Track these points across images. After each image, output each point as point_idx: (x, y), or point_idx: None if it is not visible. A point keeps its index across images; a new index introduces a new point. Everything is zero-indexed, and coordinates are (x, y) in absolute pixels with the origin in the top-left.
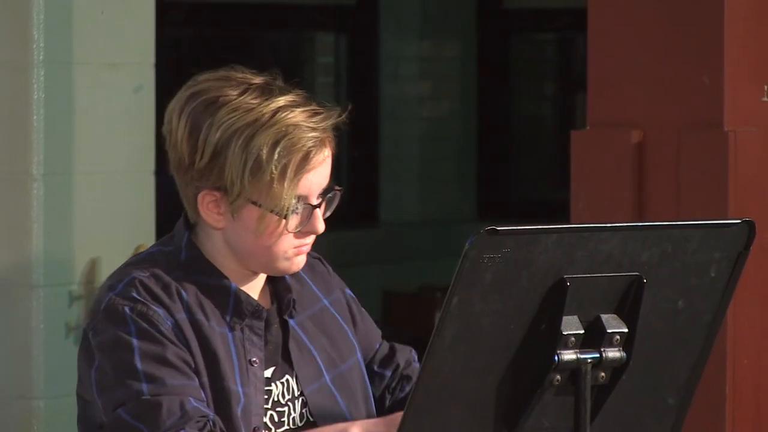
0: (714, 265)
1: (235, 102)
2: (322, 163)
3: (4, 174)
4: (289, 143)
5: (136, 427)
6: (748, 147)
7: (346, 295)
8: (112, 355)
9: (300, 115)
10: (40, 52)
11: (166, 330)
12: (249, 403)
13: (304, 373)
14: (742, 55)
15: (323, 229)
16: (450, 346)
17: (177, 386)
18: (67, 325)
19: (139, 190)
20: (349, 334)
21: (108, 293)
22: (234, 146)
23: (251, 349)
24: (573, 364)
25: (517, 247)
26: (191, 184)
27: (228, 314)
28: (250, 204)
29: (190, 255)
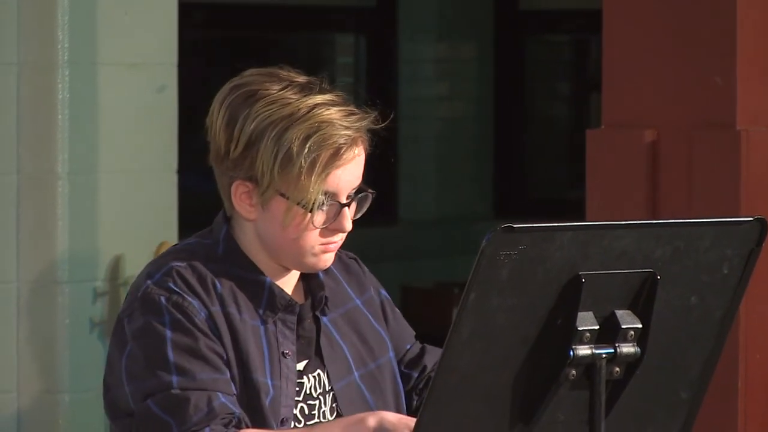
0: (726, 262)
1: (273, 96)
2: (352, 161)
3: (29, 173)
4: (320, 138)
5: (164, 420)
6: (760, 146)
7: (380, 295)
8: (145, 344)
9: (336, 113)
10: (65, 52)
11: (199, 321)
12: (278, 395)
13: (334, 368)
14: (754, 56)
15: (350, 228)
16: (467, 340)
17: (206, 380)
18: (92, 320)
19: (162, 189)
20: (381, 332)
21: (146, 281)
22: (267, 138)
23: (283, 342)
24: (588, 359)
25: (532, 244)
26: (226, 173)
27: (261, 308)
28: (278, 196)
29: (227, 248)
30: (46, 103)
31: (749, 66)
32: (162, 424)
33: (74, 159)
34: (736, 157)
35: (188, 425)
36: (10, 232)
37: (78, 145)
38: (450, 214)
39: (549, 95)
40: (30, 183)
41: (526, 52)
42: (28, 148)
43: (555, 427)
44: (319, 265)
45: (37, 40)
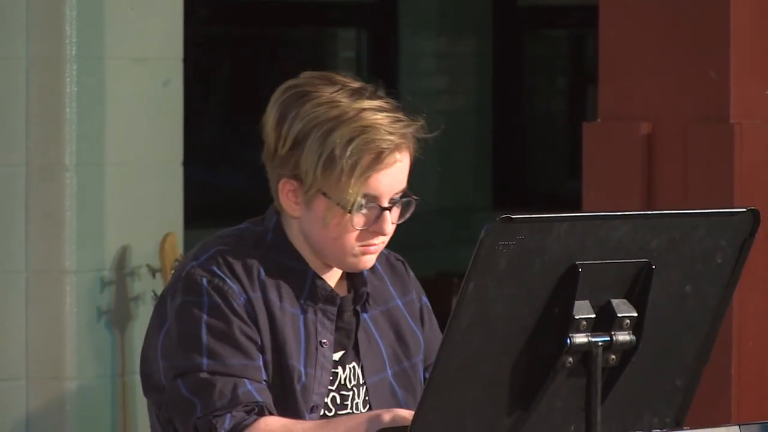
0: (720, 251)
1: (324, 98)
2: (393, 166)
3: (38, 165)
4: (362, 141)
5: (191, 401)
6: (753, 139)
7: (422, 301)
8: (181, 324)
9: (383, 118)
10: (72, 47)
11: (237, 306)
12: (310, 382)
13: (369, 363)
14: (748, 51)
15: (391, 232)
16: (466, 329)
17: (236, 366)
18: (99, 309)
19: (168, 180)
20: (417, 334)
21: (191, 262)
22: (313, 138)
23: (322, 331)
24: (584, 347)
25: (530, 235)
26: (274, 171)
27: (302, 297)
28: (320, 195)
29: (275, 237)
30: (54, 97)
31: (743, 60)
32: (188, 404)
33: (82, 151)
34: (729, 150)
35: (211, 409)
36: (19, 222)
37: (85, 138)
38: (450, 206)
39: (546, 89)
40: (38, 175)
41: (525, 47)
42: (36, 140)
43: (552, 414)
44: (360, 265)
45: (46, 35)
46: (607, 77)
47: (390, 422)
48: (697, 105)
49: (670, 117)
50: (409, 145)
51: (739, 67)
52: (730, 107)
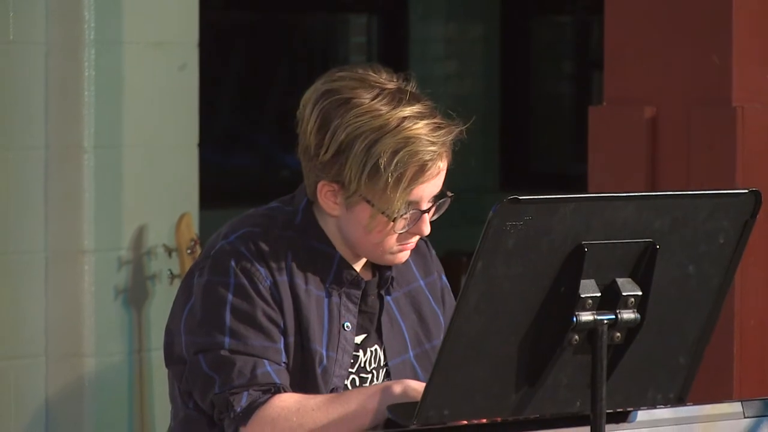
0: (722, 232)
1: (365, 106)
2: (437, 176)
3: (58, 146)
4: (407, 154)
5: (210, 377)
6: (755, 122)
7: (442, 280)
8: (206, 301)
9: (423, 127)
10: (91, 32)
11: (263, 288)
12: (331, 365)
13: (391, 345)
14: (750, 36)
15: (428, 232)
16: (475, 307)
17: (257, 347)
18: (116, 287)
19: (184, 162)
20: (439, 315)
21: (221, 241)
22: (357, 148)
23: (345, 315)
24: (590, 325)
25: (537, 215)
26: (313, 172)
27: (328, 280)
28: (364, 202)
29: (304, 219)
30: (73, 81)
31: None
32: (208, 379)
33: (100, 133)
34: (732, 133)
35: (229, 386)
36: (38, 203)
37: (103, 121)
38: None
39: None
40: (58, 157)
41: (531, 33)
42: (55, 123)
43: (558, 390)
44: (396, 261)
45: (64, 21)
46: (613, 62)
47: (401, 393)
48: (700, 89)
49: (674, 101)
50: (449, 152)
51: (741, 52)
52: (732, 91)
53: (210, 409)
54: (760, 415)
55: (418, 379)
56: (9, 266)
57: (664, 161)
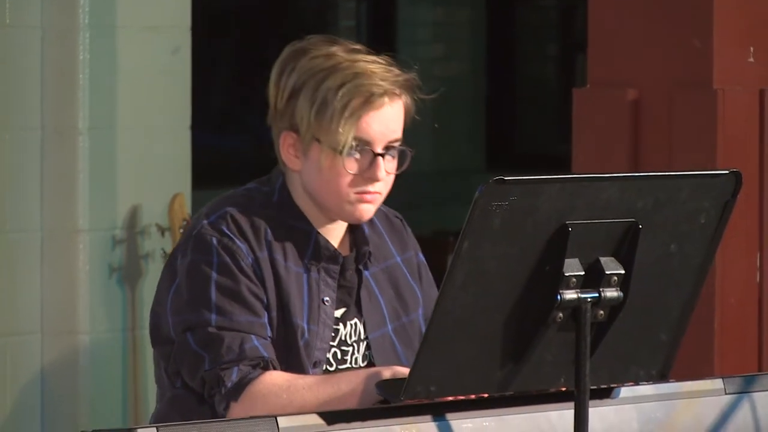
0: (704, 212)
1: (322, 52)
2: (383, 109)
3: (53, 128)
4: (353, 85)
5: (199, 354)
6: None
7: (418, 257)
8: (191, 281)
9: (376, 67)
10: (85, 16)
11: (245, 265)
12: (313, 338)
13: (371, 319)
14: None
15: (383, 178)
16: (461, 286)
17: (243, 323)
18: (110, 266)
19: (176, 143)
20: (416, 290)
21: (201, 221)
22: (307, 87)
23: (325, 290)
24: (574, 303)
25: (522, 196)
26: (276, 125)
27: (306, 256)
28: (315, 142)
29: (281, 197)
30: (68, 64)
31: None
32: (197, 357)
33: (94, 115)
34: (712, 115)
35: (219, 362)
36: (34, 183)
37: (98, 103)
38: (445, 167)
39: (538, 56)
40: (53, 138)
41: (517, 16)
42: (51, 105)
43: (543, 367)
44: (356, 214)
45: (60, 5)
46: (596, 46)
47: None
48: (682, 72)
49: (656, 83)
50: (401, 95)
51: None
52: (713, 74)
53: (200, 386)
54: (740, 392)
55: (396, 351)
56: (5, 245)
57: (646, 142)
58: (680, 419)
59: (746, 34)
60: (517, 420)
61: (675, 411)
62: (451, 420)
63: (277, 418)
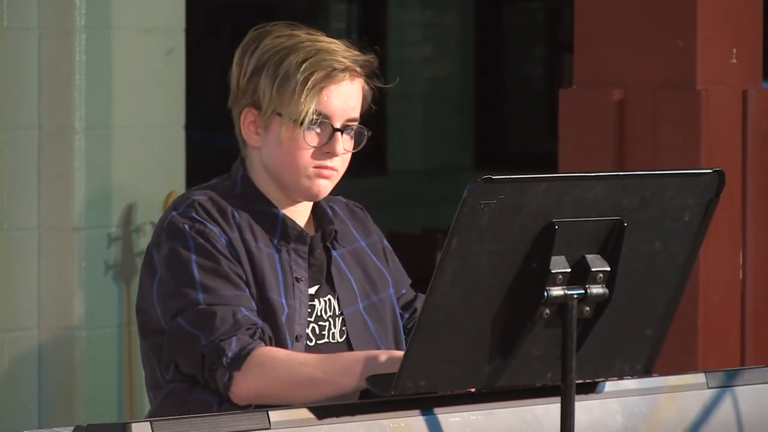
0: (688, 210)
1: (281, 33)
2: (343, 85)
3: (50, 128)
4: (315, 60)
5: (193, 334)
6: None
7: (383, 243)
8: (173, 267)
9: (336, 46)
10: (81, 18)
11: (220, 246)
12: (293, 314)
13: (344, 295)
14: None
15: (340, 153)
16: (450, 282)
17: (230, 296)
18: (106, 263)
19: (171, 143)
20: (383, 270)
21: (171, 213)
22: (270, 63)
23: (296, 269)
24: (561, 299)
25: (510, 194)
26: (237, 105)
27: (276, 238)
28: (276, 116)
29: (243, 187)
30: (65, 65)
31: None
32: (191, 337)
33: (90, 115)
34: (696, 115)
35: (216, 335)
36: (31, 182)
37: (94, 103)
38: (435, 166)
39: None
40: (50, 137)
41: (505, 18)
42: (48, 105)
43: (530, 362)
44: (314, 189)
45: (56, 7)
46: (582, 47)
47: (386, 362)
48: (666, 72)
49: (641, 84)
50: (361, 75)
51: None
52: (696, 74)
53: (198, 366)
54: (722, 386)
55: (369, 328)
56: (3, 243)
57: (631, 142)
58: (663, 413)
59: (729, 35)
60: (504, 414)
61: (658, 405)
62: (439, 414)
63: (268, 411)
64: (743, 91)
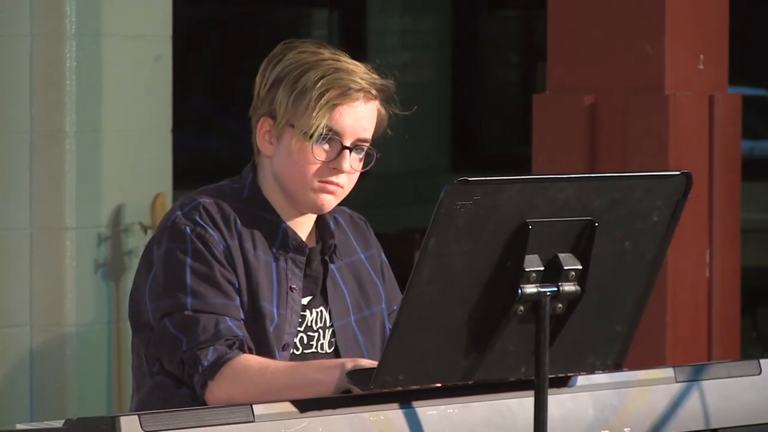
0: (656, 210)
1: (306, 49)
2: (357, 105)
3: (42, 131)
4: (333, 78)
5: (177, 338)
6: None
7: (381, 257)
8: (167, 268)
9: (356, 67)
10: (72, 26)
11: (218, 252)
12: (282, 323)
13: (336, 308)
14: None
15: (347, 171)
16: (428, 280)
17: (218, 305)
18: (96, 262)
19: (159, 146)
20: (378, 285)
21: (176, 212)
22: (289, 77)
23: (292, 278)
24: (534, 297)
25: (485, 195)
26: (256, 114)
27: (275, 246)
28: (289, 127)
29: (251, 192)
30: (56, 70)
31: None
32: (175, 341)
33: (81, 119)
34: (665, 118)
35: (196, 343)
36: (24, 184)
37: (84, 107)
38: (413, 168)
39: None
40: (42, 141)
41: (481, 26)
42: (40, 109)
43: (505, 357)
44: (318, 203)
45: (48, 15)
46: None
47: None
48: (636, 78)
49: (612, 89)
50: (376, 98)
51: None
52: (665, 80)
53: (179, 368)
54: (690, 380)
55: (358, 341)
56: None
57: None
58: (633, 406)
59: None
60: (479, 407)
61: (628, 398)
62: (417, 407)
63: (252, 405)
64: (710, 96)
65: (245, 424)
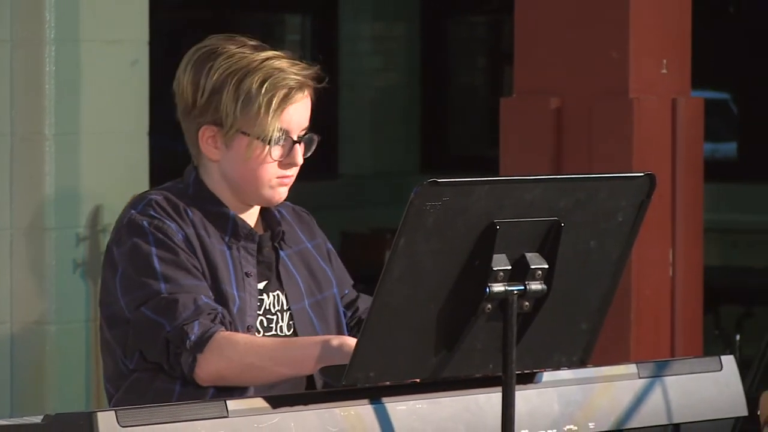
0: (621, 211)
1: (231, 52)
2: (301, 102)
3: (21, 134)
4: (274, 81)
5: (158, 322)
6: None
7: (327, 245)
8: (134, 261)
9: (285, 63)
10: (51, 31)
11: (178, 241)
12: (244, 305)
13: (291, 292)
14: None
15: (302, 162)
16: (398, 279)
17: (190, 286)
18: (75, 261)
19: (136, 148)
20: (327, 271)
21: (129, 211)
22: (229, 85)
23: (246, 265)
24: (502, 295)
25: (454, 196)
26: (194, 122)
27: (227, 235)
28: (240, 134)
29: (196, 189)
30: (36, 75)
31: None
32: (156, 325)
33: (60, 122)
34: (629, 121)
35: (179, 321)
36: (4, 185)
37: (63, 111)
38: (383, 170)
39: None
40: (22, 143)
41: (449, 30)
42: (20, 112)
43: (473, 354)
44: (275, 197)
45: (28, 20)
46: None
47: (338, 346)
48: (601, 82)
49: (577, 93)
50: (309, 87)
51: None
52: (629, 84)
53: (163, 352)
54: (653, 376)
55: (314, 324)
56: None
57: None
58: (597, 401)
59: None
60: (448, 403)
61: (593, 394)
62: (386, 403)
63: (226, 401)
64: (673, 100)
65: (219, 420)
